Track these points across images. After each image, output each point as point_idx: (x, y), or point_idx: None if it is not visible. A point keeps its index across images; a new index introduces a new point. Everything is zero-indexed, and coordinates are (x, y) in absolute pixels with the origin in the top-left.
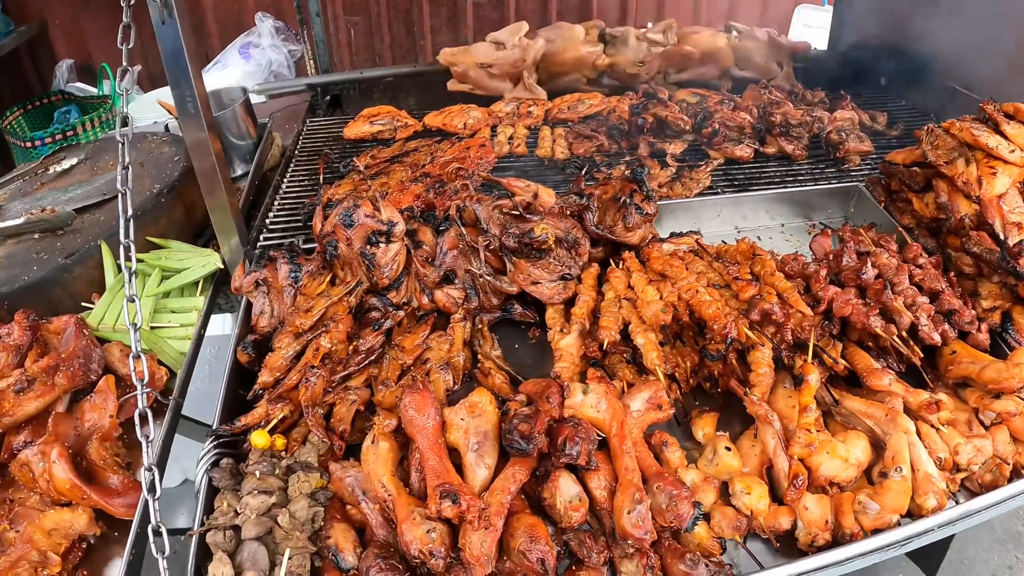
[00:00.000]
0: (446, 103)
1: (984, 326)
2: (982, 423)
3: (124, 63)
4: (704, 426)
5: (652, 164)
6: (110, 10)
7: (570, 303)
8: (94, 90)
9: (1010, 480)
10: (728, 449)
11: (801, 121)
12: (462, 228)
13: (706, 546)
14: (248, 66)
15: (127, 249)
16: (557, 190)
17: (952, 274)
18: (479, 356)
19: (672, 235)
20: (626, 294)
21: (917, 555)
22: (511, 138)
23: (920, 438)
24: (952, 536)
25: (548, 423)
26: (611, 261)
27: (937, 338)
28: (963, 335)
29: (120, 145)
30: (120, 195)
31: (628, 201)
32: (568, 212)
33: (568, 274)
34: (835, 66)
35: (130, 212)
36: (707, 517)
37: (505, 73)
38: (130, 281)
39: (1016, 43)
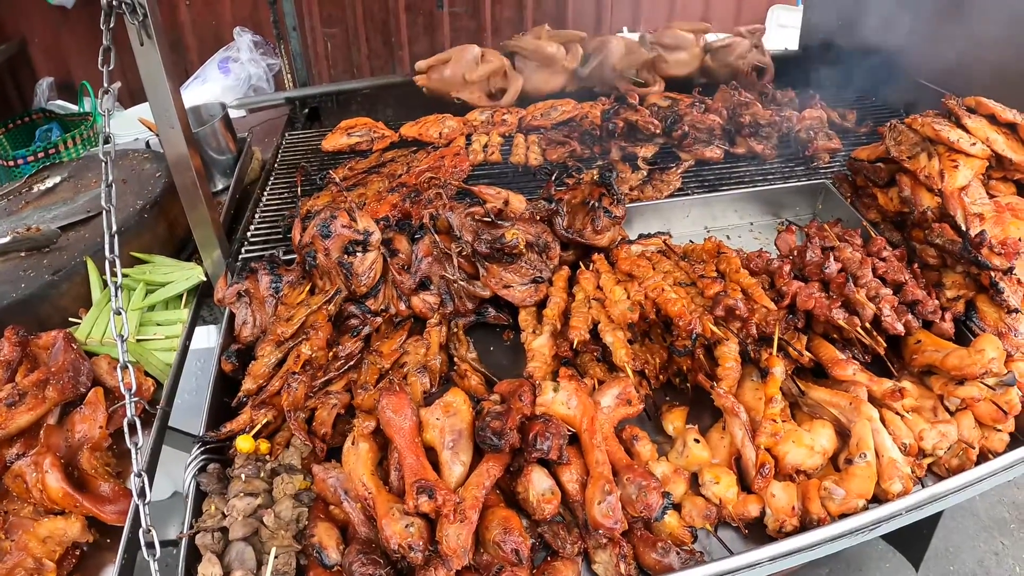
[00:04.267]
0: (423, 113)
1: (948, 315)
2: (947, 409)
3: (105, 84)
4: (674, 420)
5: (623, 168)
6: (89, 28)
7: (542, 305)
8: (75, 107)
9: (977, 464)
10: (697, 441)
11: (770, 121)
12: (435, 236)
13: (678, 535)
14: (227, 80)
15: (112, 263)
16: (531, 196)
17: (916, 266)
18: (455, 359)
19: (641, 236)
20: (595, 295)
21: (901, 544)
22: (485, 146)
23: (884, 425)
24: (936, 524)
25: (520, 420)
26: (580, 263)
27: (900, 328)
28: (928, 325)
29: (104, 164)
30: (104, 212)
31: (596, 205)
32: (538, 217)
33: (539, 277)
34: (805, 65)
35: (115, 228)
36: (678, 507)
37: None
38: (116, 294)
39: (986, 40)
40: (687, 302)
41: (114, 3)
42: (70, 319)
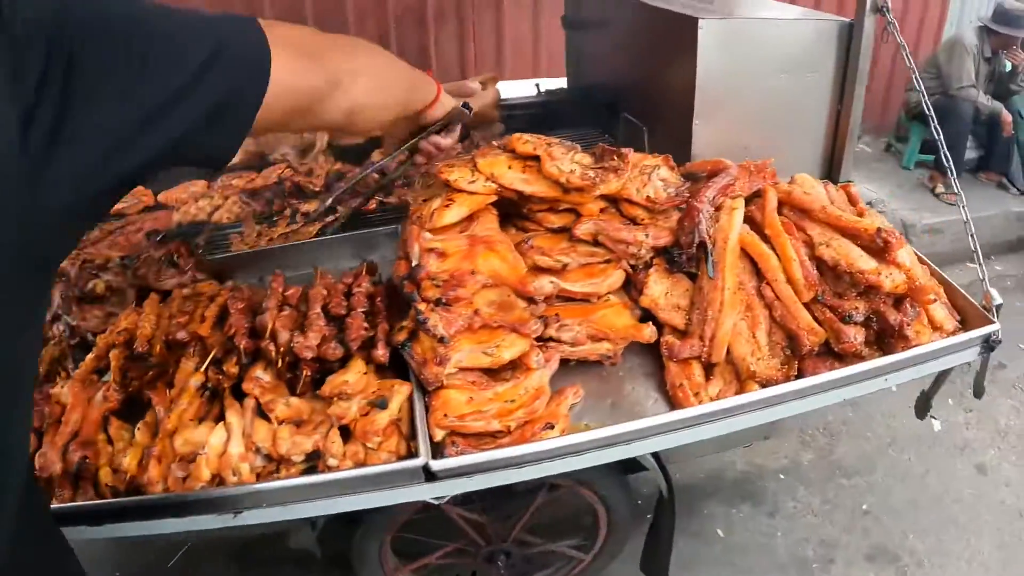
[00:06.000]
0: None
1: (382, 344)
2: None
3: None
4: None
5: (282, 220)
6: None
7: None
8: None
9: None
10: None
11: (427, 171)
12: (69, 283)
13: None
14: None
15: None
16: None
17: (380, 300)
18: None
19: (196, 281)
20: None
21: (646, 567)
22: (203, 208)
23: (255, 430)
24: (670, 543)
25: None
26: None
27: (307, 354)
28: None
29: None
30: None
31: (164, 258)
32: (117, 270)
33: (113, 312)
34: (555, 108)
35: None
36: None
37: None
38: None
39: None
40: (152, 329)
41: None
42: None
